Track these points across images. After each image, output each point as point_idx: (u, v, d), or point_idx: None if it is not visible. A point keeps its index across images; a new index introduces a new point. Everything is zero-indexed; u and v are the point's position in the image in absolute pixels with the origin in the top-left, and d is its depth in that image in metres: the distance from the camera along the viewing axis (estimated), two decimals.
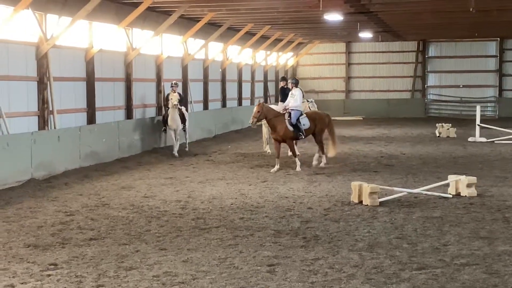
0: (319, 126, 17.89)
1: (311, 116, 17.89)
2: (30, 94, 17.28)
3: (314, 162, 17.92)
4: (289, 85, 18.09)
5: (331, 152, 18.20)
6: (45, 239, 9.88)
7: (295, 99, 17.49)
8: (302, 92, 17.97)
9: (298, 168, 17.14)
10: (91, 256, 8.90)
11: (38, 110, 17.41)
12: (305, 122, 17.50)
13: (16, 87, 16.74)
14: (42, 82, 17.42)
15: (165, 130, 21.54)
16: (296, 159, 17.46)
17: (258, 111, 17.14)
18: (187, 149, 21.73)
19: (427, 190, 13.33)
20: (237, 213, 11.77)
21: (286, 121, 17.26)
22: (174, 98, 20.44)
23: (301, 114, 17.56)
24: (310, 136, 18.16)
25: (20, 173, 15.14)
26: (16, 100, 16.64)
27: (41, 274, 8.07)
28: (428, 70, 42.18)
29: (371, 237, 9.87)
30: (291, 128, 17.27)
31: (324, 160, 17.95)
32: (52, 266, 8.42)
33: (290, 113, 17.34)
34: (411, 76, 42.11)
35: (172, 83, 21.36)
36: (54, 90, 17.90)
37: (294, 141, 17.71)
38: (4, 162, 14.68)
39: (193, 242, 9.63)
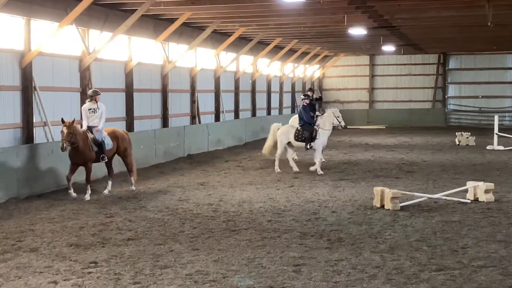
0: (123, 145, 15.08)
1: (113, 134, 14.92)
2: (73, 104, 17.54)
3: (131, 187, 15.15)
4: (91, 100, 14.35)
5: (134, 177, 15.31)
6: (86, 239, 10.00)
7: (97, 115, 14.25)
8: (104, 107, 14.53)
9: (87, 197, 13.76)
10: (129, 255, 8.98)
11: (81, 119, 17.61)
12: (108, 142, 14.58)
13: (60, 98, 17.05)
14: (85, 93, 17.62)
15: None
16: (88, 187, 14.03)
17: (70, 133, 13.47)
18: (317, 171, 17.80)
19: (447, 195, 13.19)
20: (265, 216, 11.77)
21: (90, 140, 14.13)
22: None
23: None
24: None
25: (63, 177, 15.32)
26: (60, 110, 16.89)
27: (82, 272, 8.18)
28: (448, 81, 41.74)
29: (392, 240, 9.80)
30: (95, 148, 14.18)
31: (133, 182, 15.21)
32: (93, 264, 8.52)
33: (91, 131, 14.27)
34: (432, 87, 41.73)
35: (308, 90, 17.83)
36: None
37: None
38: (49, 168, 14.92)
39: (224, 243, 9.66)
